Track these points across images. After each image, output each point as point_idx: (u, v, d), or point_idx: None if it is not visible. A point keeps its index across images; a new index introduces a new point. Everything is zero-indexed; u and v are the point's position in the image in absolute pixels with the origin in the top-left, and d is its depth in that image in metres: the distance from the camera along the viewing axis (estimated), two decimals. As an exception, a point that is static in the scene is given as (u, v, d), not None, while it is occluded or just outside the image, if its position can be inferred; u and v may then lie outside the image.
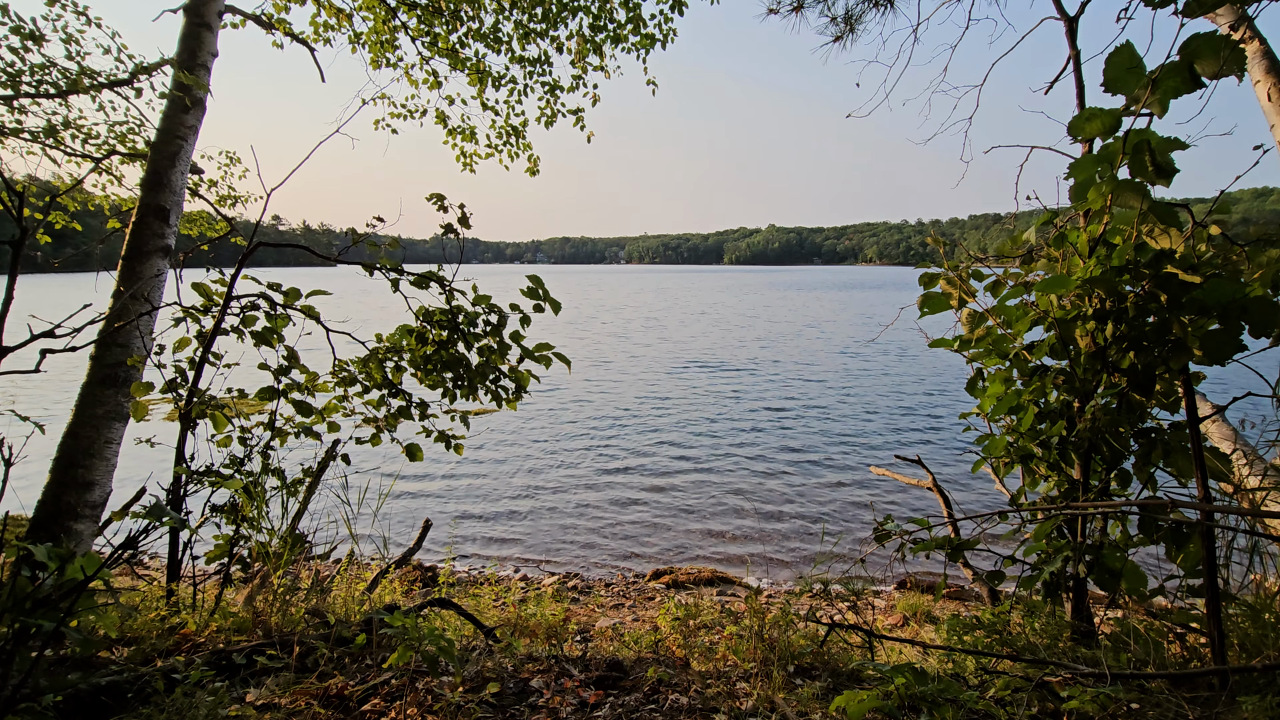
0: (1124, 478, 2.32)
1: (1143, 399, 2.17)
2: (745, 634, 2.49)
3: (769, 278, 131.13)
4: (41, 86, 4.50)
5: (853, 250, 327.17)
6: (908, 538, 2.30)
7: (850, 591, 2.96)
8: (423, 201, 3.05)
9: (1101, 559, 2.21)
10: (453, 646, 1.93)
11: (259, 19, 4.92)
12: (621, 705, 2.03)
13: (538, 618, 3.47)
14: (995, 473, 2.64)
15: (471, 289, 3.11)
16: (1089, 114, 1.94)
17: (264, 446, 2.98)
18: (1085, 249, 2.15)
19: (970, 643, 2.32)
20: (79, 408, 3.36)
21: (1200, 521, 1.94)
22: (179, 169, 3.86)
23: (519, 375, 3.30)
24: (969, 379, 2.70)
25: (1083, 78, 2.61)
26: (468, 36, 5.84)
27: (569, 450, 10.62)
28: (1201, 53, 1.73)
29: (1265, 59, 3.10)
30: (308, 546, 3.17)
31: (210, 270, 2.96)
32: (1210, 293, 1.84)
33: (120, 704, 1.86)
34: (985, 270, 2.61)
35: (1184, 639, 2.20)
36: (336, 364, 3.20)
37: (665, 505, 8.18)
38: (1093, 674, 1.76)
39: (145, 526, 1.88)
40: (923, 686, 1.61)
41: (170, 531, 2.76)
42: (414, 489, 8.68)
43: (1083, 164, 2.02)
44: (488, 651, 2.52)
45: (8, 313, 2.01)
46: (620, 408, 13.77)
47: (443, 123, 6.39)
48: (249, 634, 2.44)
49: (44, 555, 1.53)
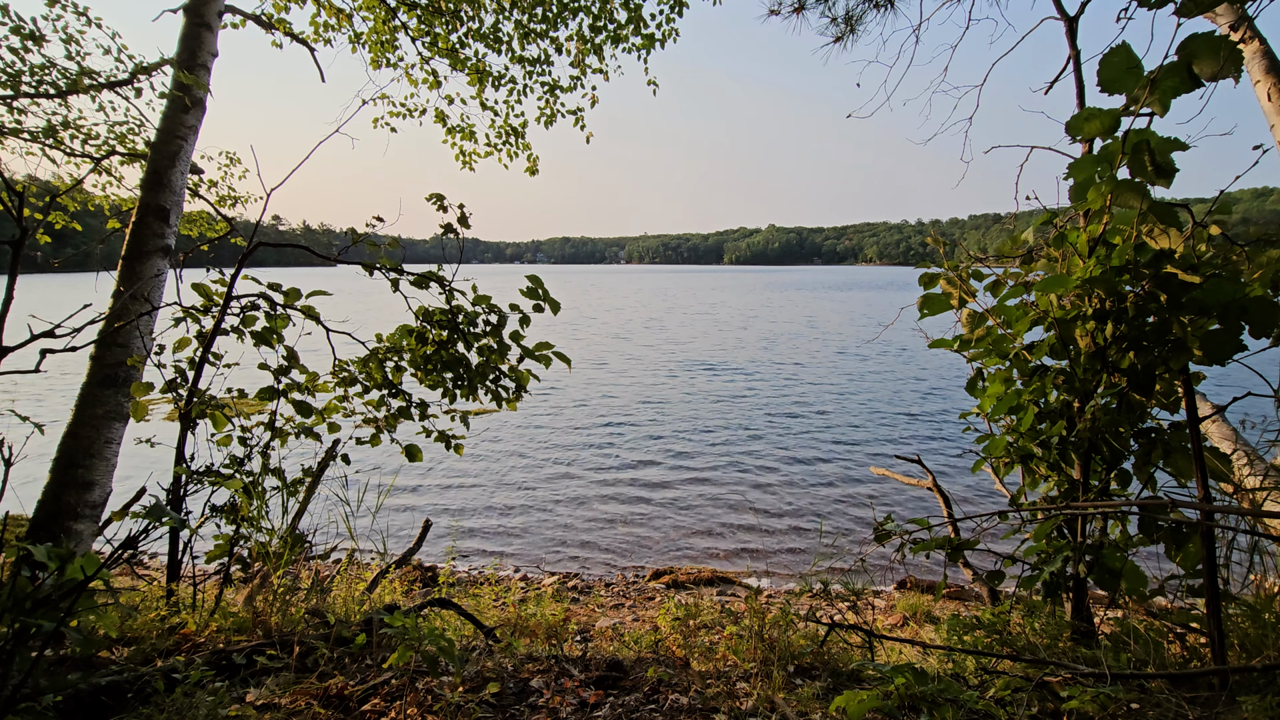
0: (1124, 478, 2.32)
1: (1143, 399, 2.17)
2: (745, 634, 2.49)
3: (769, 278, 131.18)
4: (41, 87, 4.50)
5: (853, 250, 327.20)
6: (908, 538, 2.30)
7: (850, 591, 2.96)
8: (423, 201, 3.05)
9: (1101, 559, 2.21)
10: (453, 646, 1.93)
11: (259, 19, 4.92)
12: (621, 705, 2.03)
13: (538, 618, 3.47)
14: (995, 473, 2.64)
15: (471, 289, 3.11)
16: (1087, 114, 1.94)
17: (264, 446, 2.98)
18: (1085, 249, 2.15)
19: (970, 643, 2.32)
20: (79, 408, 3.36)
21: (1200, 521, 1.94)
22: (179, 169, 3.86)
23: (519, 374, 3.30)
24: (969, 379, 2.70)
25: (1083, 78, 2.61)
26: (468, 36, 5.84)
27: (569, 450, 10.62)
28: (1199, 53, 1.73)
29: (1265, 59, 3.10)
30: (308, 546, 3.17)
31: (210, 270, 2.96)
32: (1210, 293, 1.84)
33: (120, 704, 1.86)
34: (985, 270, 2.61)
35: (1184, 639, 2.20)
36: (336, 364, 3.20)
37: (665, 505, 8.18)
38: (1093, 674, 1.76)
39: (145, 526, 1.88)
40: (923, 686, 1.61)
41: (170, 531, 2.76)
42: (414, 489, 8.68)
43: (1082, 164, 2.02)
44: (488, 651, 2.52)
45: (8, 313, 2.01)
46: (620, 408, 13.76)
47: (442, 122, 6.39)
48: (249, 634, 2.44)
49: (44, 555, 1.53)
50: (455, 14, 5.64)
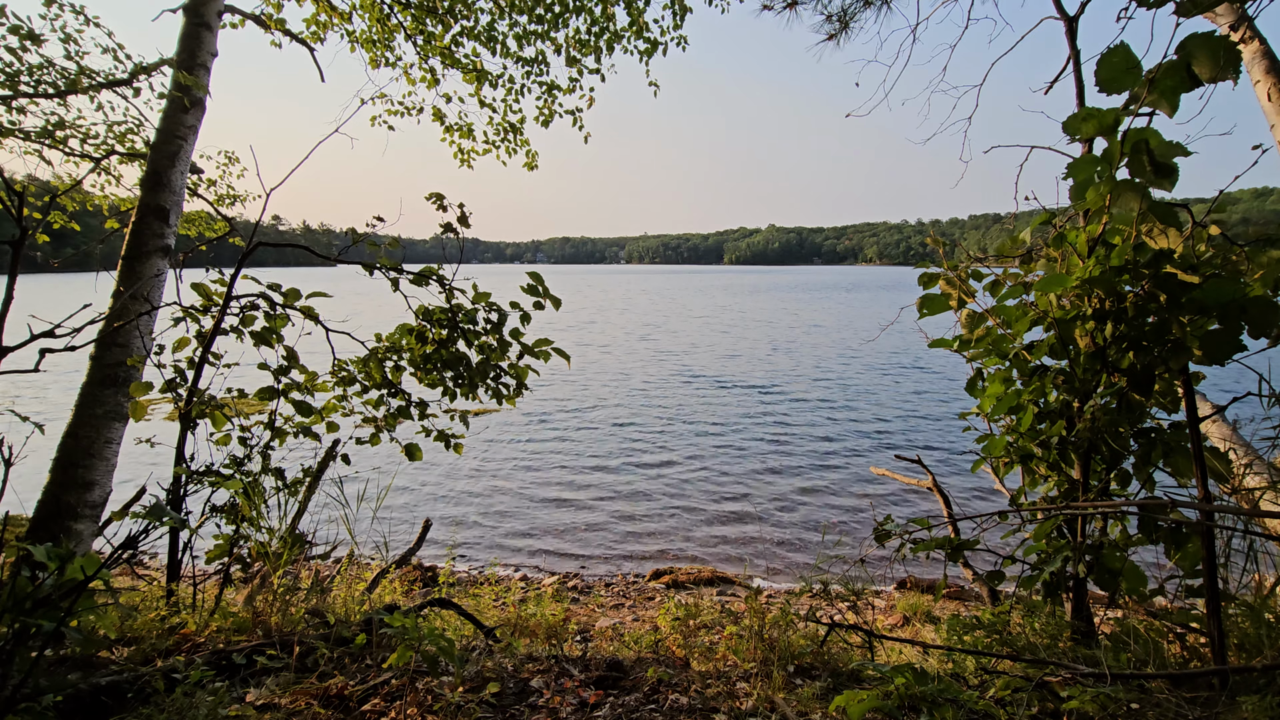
0: (1124, 478, 2.33)
1: (1142, 399, 2.17)
2: (745, 634, 2.49)
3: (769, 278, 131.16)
4: (40, 86, 4.49)
5: (853, 250, 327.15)
6: (908, 538, 2.30)
7: (850, 591, 2.96)
8: (423, 201, 3.05)
9: (1101, 559, 2.21)
10: (453, 646, 1.93)
11: (258, 19, 4.92)
12: (621, 705, 2.03)
13: (538, 618, 3.47)
14: (995, 473, 2.64)
15: (472, 287, 3.11)
16: (1085, 114, 1.93)
17: (264, 446, 2.98)
18: (1084, 249, 2.15)
19: (970, 643, 2.32)
20: (79, 408, 3.35)
21: (1200, 521, 1.94)
22: (179, 169, 3.86)
23: (519, 371, 3.30)
24: (969, 379, 2.70)
25: (1083, 78, 2.61)
26: (463, 36, 5.83)
27: (569, 450, 10.62)
28: (1197, 53, 1.72)
29: (1265, 59, 3.10)
30: (308, 546, 3.17)
31: (210, 270, 2.96)
32: (1210, 293, 1.84)
33: (120, 704, 1.86)
34: (985, 271, 2.61)
35: (1184, 639, 2.20)
36: (336, 364, 3.20)
37: (665, 505, 8.18)
38: (1093, 674, 1.76)
39: (145, 526, 1.88)
40: (923, 686, 1.61)
41: (170, 531, 2.76)
42: (414, 489, 8.68)
43: (1081, 164, 2.02)
44: (488, 651, 2.52)
45: (8, 313, 2.01)
46: (620, 408, 13.77)
47: (440, 120, 6.38)
48: (249, 634, 2.44)
49: (44, 555, 1.53)
50: (449, 12, 5.63)
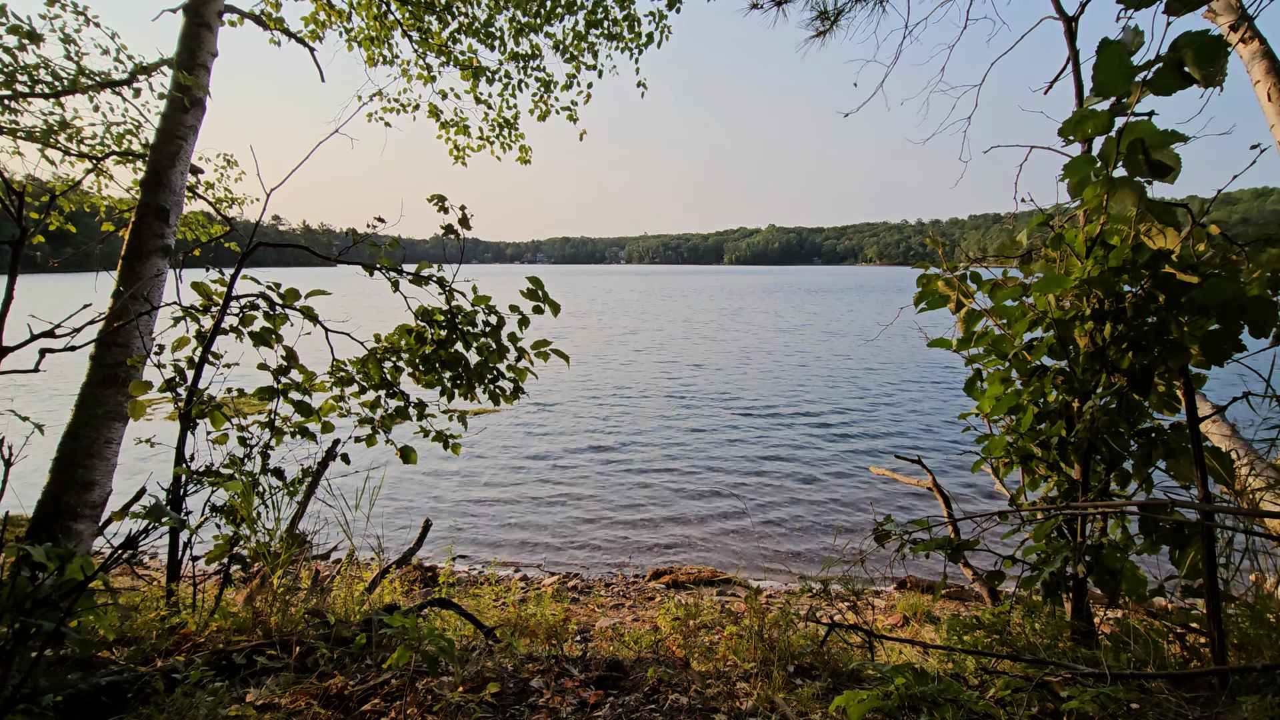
0: (1124, 478, 2.33)
1: (1142, 399, 2.17)
2: (745, 634, 2.49)
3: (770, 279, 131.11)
4: (38, 86, 4.49)
5: (853, 250, 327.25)
6: (907, 538, 2.30)
7: (850, 591, 2.96)
8: (423, 202, 3.05)
9: (1101, 559, 2.21)
10: (453, 646, 1.93)
11: (257, 18, 4.92)
12: (621, 705, 2.03)
13: (538, 618, 3.47)
14: (995, 473, 2.64)
15: (471, 289, 3.11)
16: (1081, 115, 1.93)
17: (263, 446, 2.98)
18: (1082, 249, 2.15)
19: (970, 643, 2.32)
20: (79, 408, 3.35)
21: (1200, 522, 1.94)
22: (179, 169, 3.86)
23: (518, 372, 3.30)
24: (968, 379, 2.70)
25: (1082, 78, 2.61)
26: (460, 32, 5.83)
27: (569, 450, 10.62)
28: (1187, 54, 1.71)
29: (1265, 59, 3.10)
30: (307, 546, 3.17)
31: (210, 270, 2.96)
32: (1209, 293, 1.84)
33: (120, 704, 1.86)
34: (983, 272, 2.61)
35: (1184, 639, 2.20)
36: (334, 364, 3.20)
37: (665, 505, 8.18)
38: (1093, 674, 1.76)
39: (145, 527, 1.88)
40: (923, 686, 1.61)
41: (170, 531, 2.76)
42: (414, 489, 8.68)
43: (1077, 164, 2.01)
44: (488, 651, 2.52)
45: (8, 313, 2.01)
46: (619, 409, 13.77)
47: (435, 117, 6.38)
48: (249, 634, 2.44)
49: (43, 555, 1.53)
50: (447, 8, 5.63)
